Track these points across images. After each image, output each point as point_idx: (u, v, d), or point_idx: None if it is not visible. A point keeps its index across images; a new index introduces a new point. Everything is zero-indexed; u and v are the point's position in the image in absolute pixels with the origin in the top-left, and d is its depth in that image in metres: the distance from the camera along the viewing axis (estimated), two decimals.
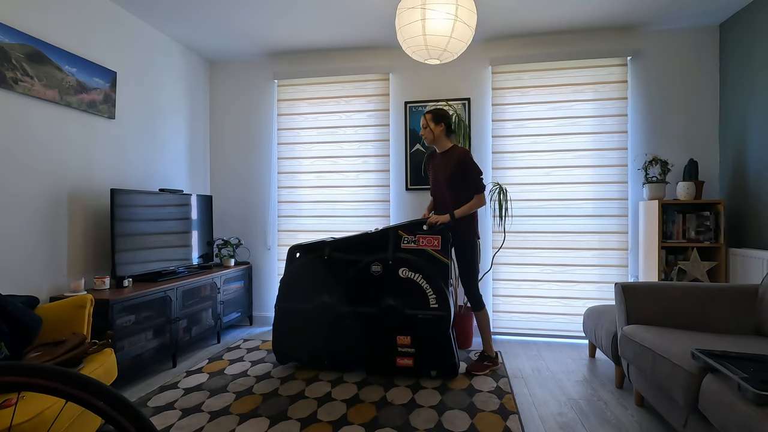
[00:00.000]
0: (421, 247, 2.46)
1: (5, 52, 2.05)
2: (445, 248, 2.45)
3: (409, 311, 2.39)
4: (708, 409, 1.38)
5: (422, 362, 2.40)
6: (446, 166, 2.52)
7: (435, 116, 2.51)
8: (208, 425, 1.89)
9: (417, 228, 2.49)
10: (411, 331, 2.39)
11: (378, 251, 2.52)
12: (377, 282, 2.45)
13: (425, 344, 2.38)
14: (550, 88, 3.29)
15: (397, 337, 2.41)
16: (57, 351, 1.60)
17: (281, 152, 3.71)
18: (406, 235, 2.49)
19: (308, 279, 2.56)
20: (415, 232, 2.48)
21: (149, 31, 3.08)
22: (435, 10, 2.03)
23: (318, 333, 2.52)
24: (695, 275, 2.81)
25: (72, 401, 0.60)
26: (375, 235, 2.55)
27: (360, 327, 2.46)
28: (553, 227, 3.29)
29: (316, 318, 2.51)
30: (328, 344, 2.51)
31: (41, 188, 2.26)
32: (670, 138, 3.15)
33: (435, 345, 2.38)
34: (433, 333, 2.37)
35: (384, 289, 2.44)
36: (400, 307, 2.40)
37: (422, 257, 2.45)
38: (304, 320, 2.53)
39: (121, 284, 2.51)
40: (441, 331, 2.36)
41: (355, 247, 2.56)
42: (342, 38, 3.33)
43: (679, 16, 2.97)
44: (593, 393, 2.25)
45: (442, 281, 2.40)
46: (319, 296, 2.51)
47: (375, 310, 2.44)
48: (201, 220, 3.28)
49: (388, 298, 2.43)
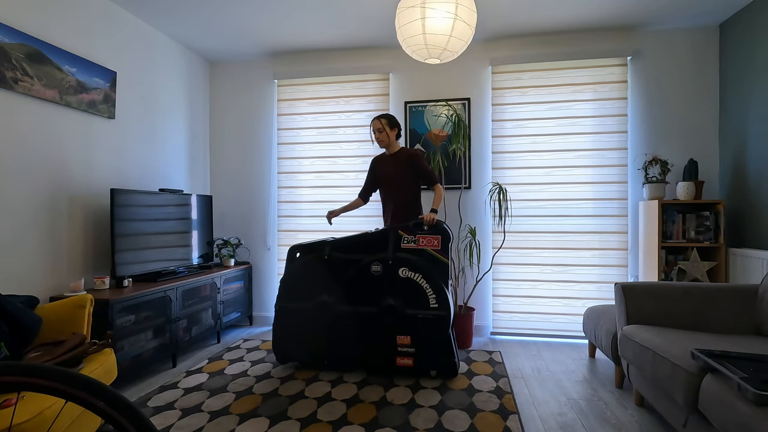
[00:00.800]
0: (421, 247, 2.47)
1: (5, 52, 2.05)
2: (445, 248, 2.46)
3: (409, 311, 2.39)
4: (708, 409, 1.38)
5: (422, 362, 2.40)
6: (399, 166, 2.73)
7: (390, 122, 2.73)
8: (208, 425, 1.89)
9: (417, 228, 2.50)
10: (411, 330, 2.39)
11: (378, 251, 2.52)
12: (377, 282, 2.45)
13: (425, 344, 2.38)
14: (550, 88, 3.29)
15: (397, 336, 2.41)
16: (57, 351, 1.60)
17: (281, 152, 3.71)
18: (406, 235, 2.50)
19: (308, 279, 2.56)
20: (415, 232, 2.49)
21: (149, 31, 3.08)
22: (435, 8, 2.03)
23: (318, 333, 2.52)
24: (695, 275, 2.81)
25: (72, 401, 0.60)
26: (375, 235, 2.55)
27: (360, 326, 2.47)
28: (553, 227, 3.29)
29: (316, 317, 2.51)
30: (328, 344, 2.51)
31: (41, 188, 2.26)
32: (670, 138, 3.15)
33: (435, 345, 2.38)
34: (433, 333, 2.37)
35: (384, 289, 2.44)
36: (400, 306, 2.40)
37: (422, 257, 2.45)
38: (304, 320, 2.53)
39: (121, 284, 2.51)
40: (441, 330, 2.36)
41: (355, 246, 2.57)
42: (342, 38, 3.33)
43: (679, 16, 2.97)
44: (593, 393, 2.25)
45: (441, 281, 2.41)
46: (319, 296, 2.51)
47: (375, 310, 2.44)
48: (201, 220, 3.28)
49: (388, 297, 2.43)
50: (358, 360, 2.50)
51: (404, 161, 2.73)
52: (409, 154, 2.74)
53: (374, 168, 2.89)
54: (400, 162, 2.74)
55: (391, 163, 2.78)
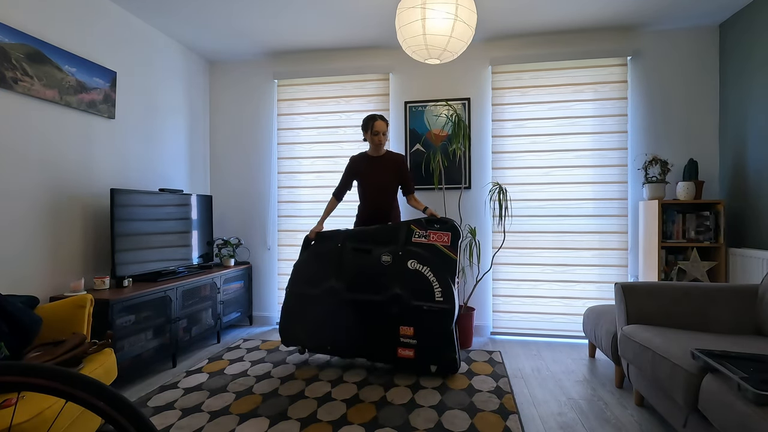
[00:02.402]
0: (431, 242, 2.51)
1: (5, 52, 2.05)
2: (455, 245, 2.49)
3: (414, 302, 2.42)
4: (708, 409, 1.38)
5: (423, 354, 2.40)
6: (388, 167, 2.79)
7: (387, 124, 2.78)
8: (208, 425, 1.89)
9: (429, 224, 2.54)
10: (415, 322, 2.41)
11: (389, 243, 2.57)
12: (386, 272, 2.49)
13: (428, 336, 2.40)
14: (550, 88, 3.29)
15: (400, 327, 2.43)
16: (57, 351, 1.60)
17: (281, 152, 3.71)
18: (418, 230, 2.54)
19: (319, 265, 2.62)
20: (427, 228, 2.53)
21: (149, 31, 3.08)
22: (435, 9, 2.03)
23: (324, 318, 2.56)
24: (695, 275, 2.81)
25: (72, 401, 0.60)
26: (388, 228, 2.61)
27: (364, 315, 2.49)
28: (553, 227, 3.29)
29: (322, 303, 2.56)
30: (333, 330, 2.54)
31: (41, 188, 2.26)
32: (670, 138, 3.15)
33: (437, 338, 2.39)
34: (436, 325, 2.38)
35: (392, 279, 2.48)
36: (406, 297, 2.43)
37: (432, 252, 2.49)
38: (312, 304, 2.59)
39: (121, 284, 2.51)
40: (445, 324, 2.37)
41: (369, 237, 2.61)
42: (342, 38, 3.33)
43: (679, 16, 2.97)
44: (593, 393, 2.25)
45: (449, 276, 2.43)
46: (327, 282, 2.57)
47: (381, 298, 2.47)
48: (201, 220, 3.28)
49: (395, 287, 2.45)
50: (360, 348, 2.51)
51: (393, 165, 2.78)
52: (400, 159, 2.81)
53: (355, 168, 2.85)
54: (389, 165, 2.79)
55: (376, 165, 2.79)
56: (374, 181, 2.79)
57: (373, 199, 2.82)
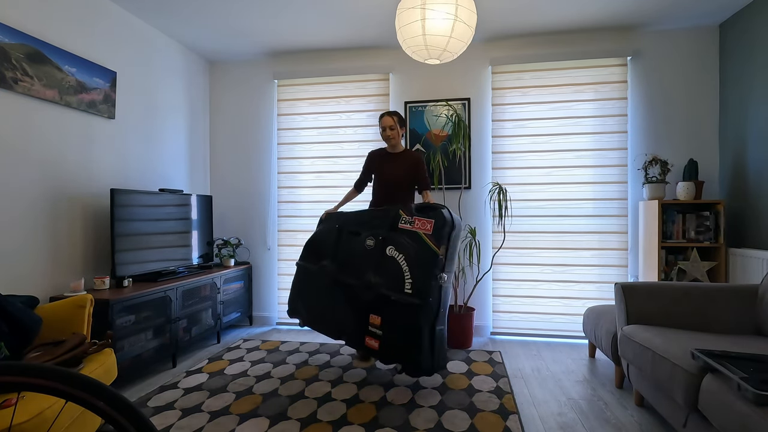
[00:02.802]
0: (414, 229, 2.30)
1: (5, 52, 2.05)
2: (437, 236, 2.21)
3: (384, 290, 2.25)
4: (708, 409, 1.38)
5: (386, 349, 2.20)
6: (403, 166, 2.73)
7: (400, 120, 2.72)
8: (208, 425, 1.89)
9: (420, 211, 2.34)
10: (382, 312, 2.26)
11: (377, 227, 2.45)
12: (367, 256, 2.39)
13: (392, 330, 2.20)
14: (551, 88, 3.29)
15: (370, 315, 2.30)
16: (57, 351, 1.60)
17: (281, 152, 3.71)
18: (404, 215, 2.37)
19: (321, 243, 2.65)
20: (413, 214, 2.34)
21: (149, 31, 3.08)
22: (435, 10, 2.03)
23: (318, 296, 2.57)
24: (695, 275, 2.81)
25: (72, 401, 0.60)
26: (380, 212, 2.51)
27: (346, 297, 2.43)
28: (553, 227, 3.29)
29: (318, 281, 2.58)
30: (322, 307, 2.54)
31: (41, 188, 2.26)
32: (670, 138, 3.15)
33: (402, 334, 2.16)
34: (402, 320, 2.17)
35: (370, 264, 2.36)
36: (377, 284, 2.29)
37: (411, 239, 2.29)
38: (310, 280, 2.62)
39: (121, 284, 2.51)
40: (411, 320, 2.14)
41: (361, 220, 2.56)
42: (342, 38, 3.33)
43: (679, 17, 2.97)
44: (593, 393, 2.25)
45: (424, 269, 2.18)
46: (323, 260, 2.58)
47: (358, 283, 2.36)
48: (201, 220, 3.28)
49: (370, 273, 2.34)
50: (340, 331, 2.44)
51: (410, 164, 2.72)
52: (417, 159, 2.74)
53: (373, 162, 2.83)
54: (406, 164, 2.73)
55: (395, 162, 2.75)
56: (387, 177, 2.76)
57: (385, 195, 2.78)
